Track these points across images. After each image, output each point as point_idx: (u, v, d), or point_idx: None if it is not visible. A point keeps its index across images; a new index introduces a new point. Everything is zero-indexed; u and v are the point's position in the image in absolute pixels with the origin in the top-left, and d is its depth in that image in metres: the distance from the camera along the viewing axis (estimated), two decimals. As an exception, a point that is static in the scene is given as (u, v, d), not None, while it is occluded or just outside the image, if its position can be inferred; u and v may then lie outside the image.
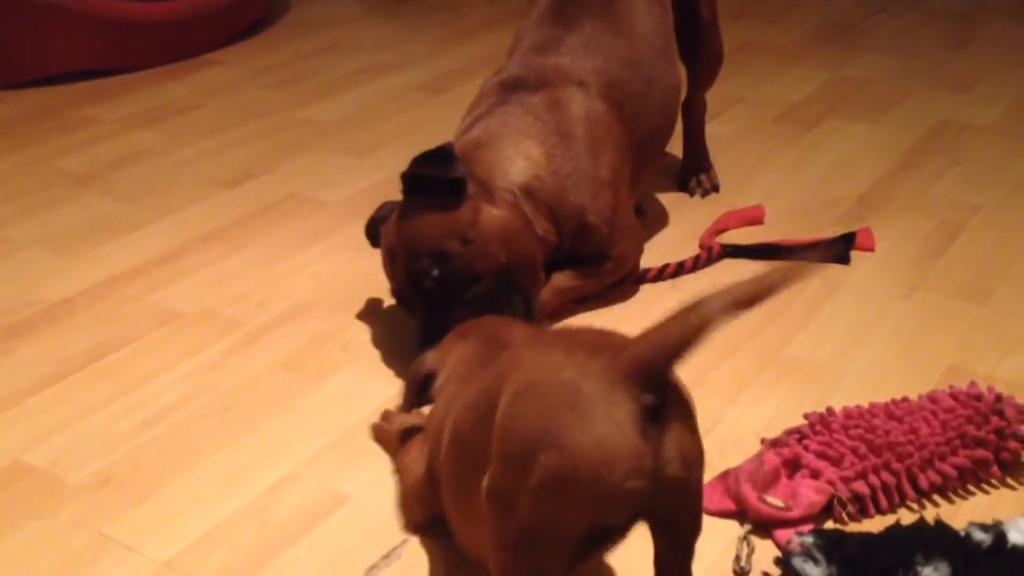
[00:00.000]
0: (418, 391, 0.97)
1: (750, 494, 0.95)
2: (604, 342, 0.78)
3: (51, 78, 2.07)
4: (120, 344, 1.27)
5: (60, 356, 1.25)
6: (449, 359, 0.95)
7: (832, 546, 0.86)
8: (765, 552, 0.93)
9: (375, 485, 1.04)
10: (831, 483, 0.95)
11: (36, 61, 2.07)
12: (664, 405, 0.74)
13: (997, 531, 0.88)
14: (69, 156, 1.78)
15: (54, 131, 1.88)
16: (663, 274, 1.38)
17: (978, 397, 1.01)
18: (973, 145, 1.77)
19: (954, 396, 1.01)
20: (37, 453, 1.09)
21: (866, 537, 0.88)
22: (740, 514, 0.97)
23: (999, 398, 1.01)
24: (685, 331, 0.74)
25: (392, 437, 1.06)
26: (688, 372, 1.18)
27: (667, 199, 1.61)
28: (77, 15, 2.03)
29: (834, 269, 1.40)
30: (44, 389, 1.19)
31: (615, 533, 0.75)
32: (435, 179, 1.18)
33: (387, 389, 1.18)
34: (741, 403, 1.15)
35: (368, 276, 1.39)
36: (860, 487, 0.95)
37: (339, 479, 1.04)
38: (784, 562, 0.88)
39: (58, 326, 1.31)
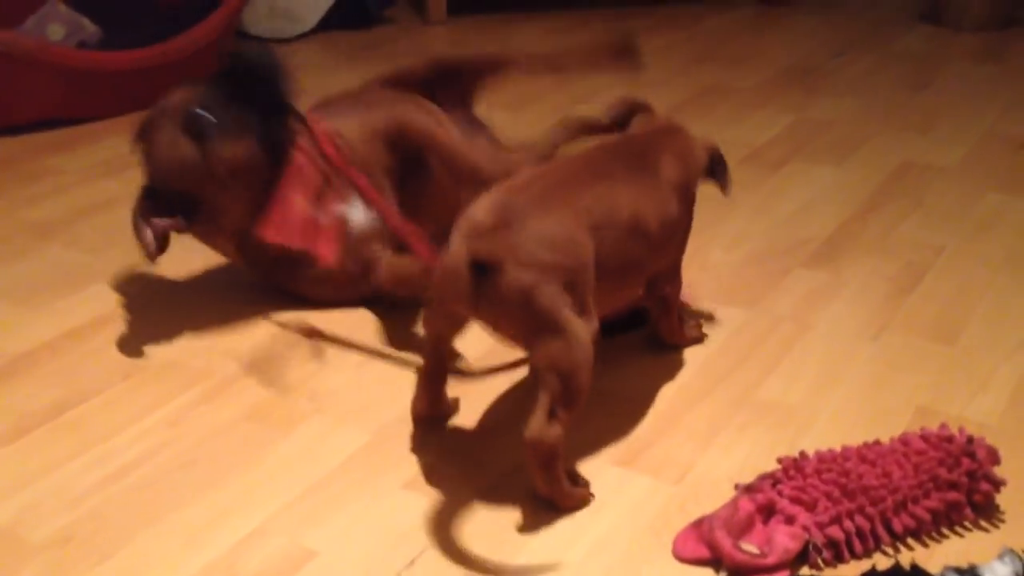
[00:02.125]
0: None
1: (724, 541, 0.94)
2: None
3: (12, 128, 2.05)
4: (83, 398, 1.25)
5: (21, 411, 1.22)
6: None
7: (808, 593, 0.85)
8: (741, 600, 0.92)
9: (344, 539, 1.02)
10: (806, 528, 0.94)
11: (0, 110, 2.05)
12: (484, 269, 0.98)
13: (973, 574, 0.87)
14: (32, 207, 1.76)
15: (16, 181, 1.86)
16: None
17: (949, 439, 1.01)
18: (936, 186, 1.79)
19: (925, 438, 1.01)
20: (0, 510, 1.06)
21: (842, 583, 0.87)
22: (715, 562, 0.96)
23: (970, 440, 1.01)
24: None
25: None
26: (660, 417, 1.19)
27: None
28: (39, 64, 2.01)
29: (804, 311, 1.41)
30: (5, 445, 1.17)
31: None
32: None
33: (356, 439, 1.16)
34: (714, 447, 1.14)
35: (334, 323, 1.37)
36: (835, 532, 0.94)
37: (307, 533, 1.03)
38: (760, 610, 0.87)
39: (19, 380, 1.28)
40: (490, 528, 1.03)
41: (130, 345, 1.35)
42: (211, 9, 2.26)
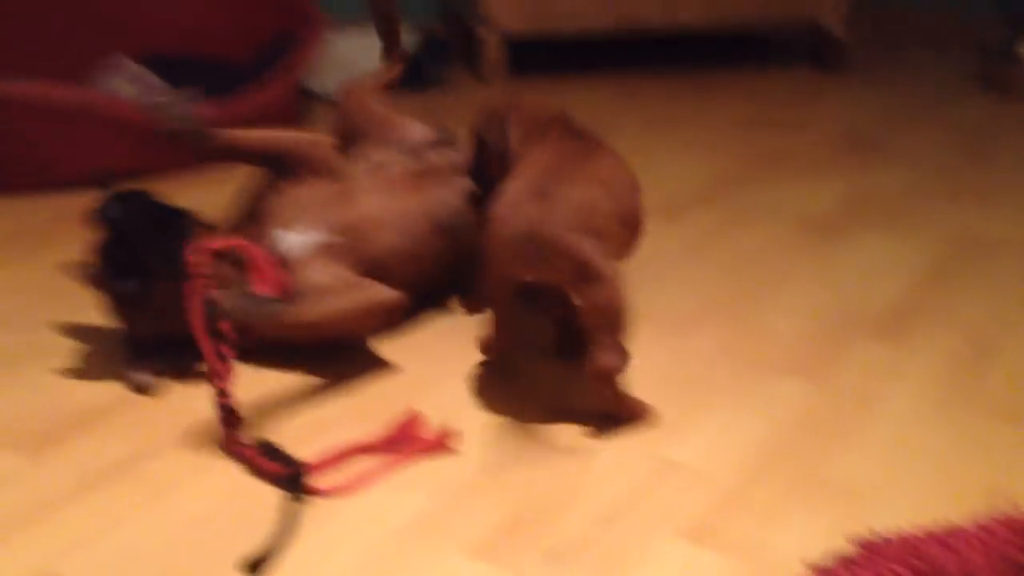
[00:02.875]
0: None
1: (798, 623, 0.93)
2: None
3: (80, 180, 2.10)
4: (152, 452, 1.26)
5: (92, 464, 1.24)
6: None
7: None
8: None
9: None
10: (881, 613, 0.93)
11: (63, 163, 2.10)
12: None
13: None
14: (100, 259, 1.79)
15: (83, 234, 1.89)
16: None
17: (1027, 524, 0.99)
18: (999, 258, 1.78)
19: (1008, 525, 0.99)
20: (70, 563, 1.07)
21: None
22: (787, 643, 0.95)
23: (1049, 525, 0.99)
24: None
25: None
26: (725, 491, 1.18)
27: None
28: (107, 119, 2.07)
29: (869, 384, 1.40)
30: (77, 497, 1.18)
31: None
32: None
33: (416, 503, 1.16)
34: (781, 524, 1.13)
35: (375, 385, 1.38)
36: (911, 618, 0.93)
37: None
38: None
39: (91, 433, 1.30)
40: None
41: (199, 400, 1.37)
42: (278, 67, 2.31)
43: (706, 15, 2.84)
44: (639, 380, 1.41)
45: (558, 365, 1.43)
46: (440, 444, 1.25)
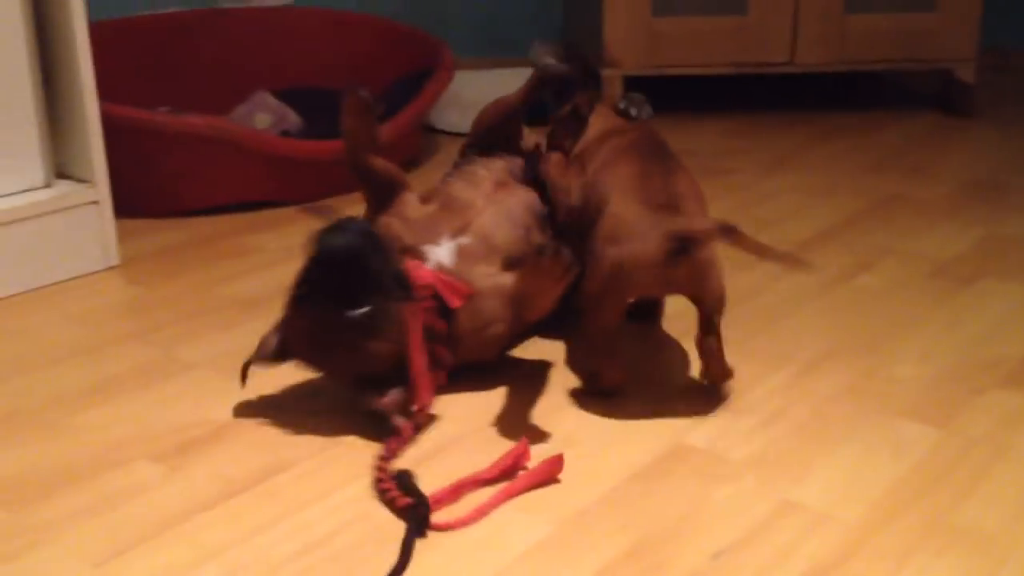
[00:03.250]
0: None
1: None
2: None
3: (218, 207, 2.20)
4: (283, 467, 1.31)
5: (226, 477, 1.29)
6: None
7: None
8: None
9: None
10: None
11: (205, 191, 2.20)
12: (685, 250, 1.33)
13: None
14: (236, 282, 1.87)
15: (222, 258, 1.98)
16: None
17: None
18: None
19: None
20: (204, 572, 1.12)
21: None
22: None
23: None
24: (708, 234, 1.34)
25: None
26: (849, 535, 1.16)
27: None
28: (245, 149, 2.16)
29: (1000, 433, 1.36)
30: (210, 509, 1.23)
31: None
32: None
33: (538, 529, 1.18)
34: (908, 572, 1.11)
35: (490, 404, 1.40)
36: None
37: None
38: None
39: (225, 446, 1.36)
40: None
41: (326, 419, 1.41)
42: (403, 103, 2.39)
43: (827, 57, 2.82)
44: (765, 419, 1.40)
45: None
46: (550, 473, 1.26)
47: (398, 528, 1.18)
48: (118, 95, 2.12)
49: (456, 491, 1.24)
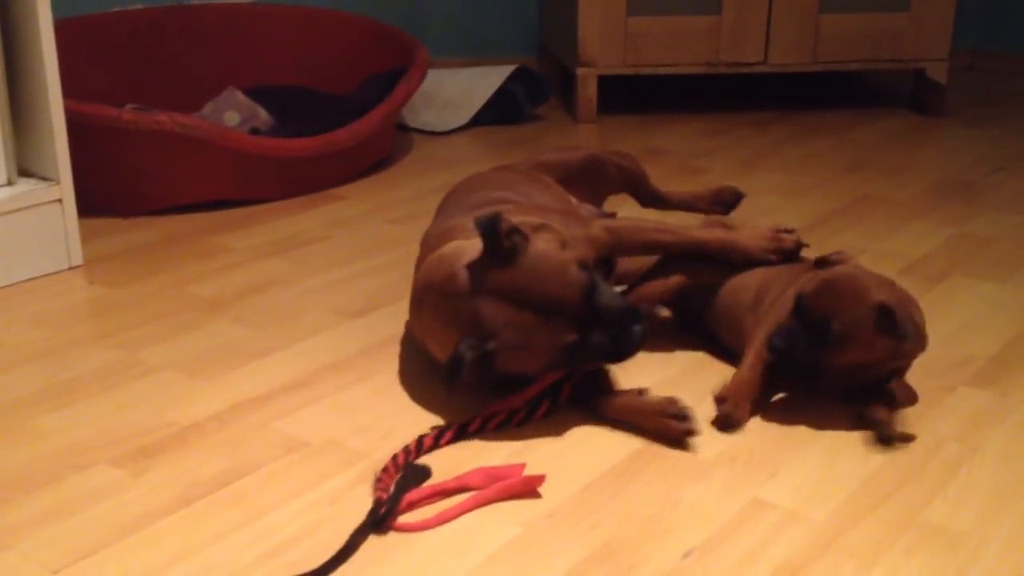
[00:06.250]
0: None
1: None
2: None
3: (185, 206, 2.17)
4: (247, 470, 1.29)
5: (189, 480, 1.27)
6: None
7: None
8: None
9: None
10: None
11: (172, 190, 2.17)
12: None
13: None
14: (202, 282, 1.85)
15: (188, 257, 1.95)
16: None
17: None
18: (1108, 309, 1.72)
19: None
20: (165, 577, 1.10)
21: None
22: None
23: None
24: None
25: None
26: (820, 534, 1.15)
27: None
28: (214, 147, 2.13)
29: (970, 432, 1.36)
30: (172, 513, 1.21)
31: None
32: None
33: (505, 532, 1.16)
34: (878, 571, 1.10)
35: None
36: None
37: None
38: None
39: (188, 450, 1.34)
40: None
41: (292, 421, 1.39)
42: (375, 102, 2.37)
43: (801, 57, 2.82)
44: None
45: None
46: (528, 485, 1.25)
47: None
48: (84, 92, 2.09)
49: (434, 496, 1.22)
